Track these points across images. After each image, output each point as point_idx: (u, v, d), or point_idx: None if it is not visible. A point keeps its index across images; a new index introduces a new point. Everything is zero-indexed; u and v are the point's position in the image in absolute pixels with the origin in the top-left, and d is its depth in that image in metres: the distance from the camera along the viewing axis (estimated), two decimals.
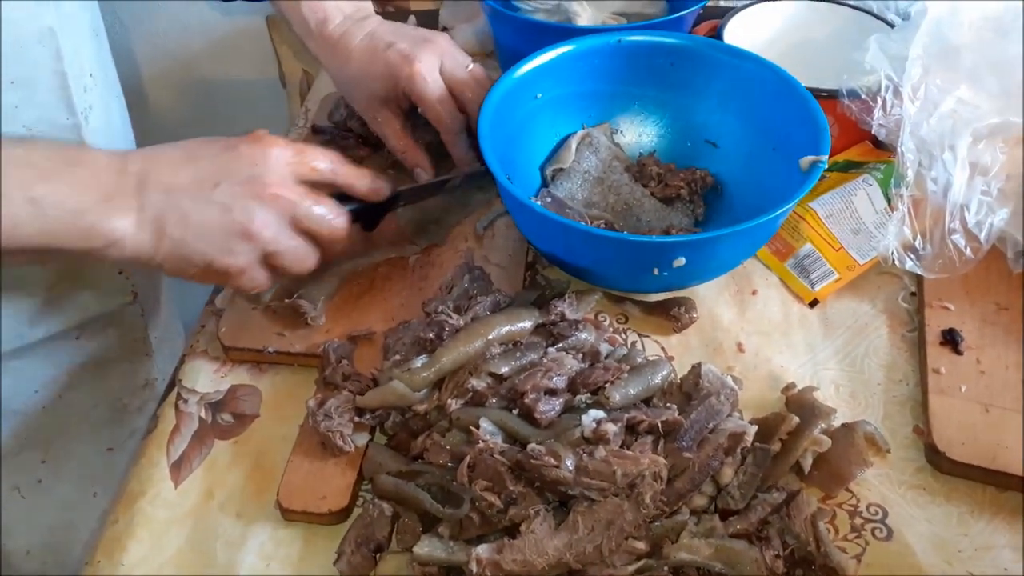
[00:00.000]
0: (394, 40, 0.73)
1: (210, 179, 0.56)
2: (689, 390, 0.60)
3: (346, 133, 0.83)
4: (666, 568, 0.48)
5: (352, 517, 0.56)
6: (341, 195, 0.63)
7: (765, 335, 0.67)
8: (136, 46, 1.28)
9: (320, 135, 0.85)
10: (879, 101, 0.71)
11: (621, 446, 0.53)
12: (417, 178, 0.76)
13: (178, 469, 0.60)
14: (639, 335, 0.68)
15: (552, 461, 0.51)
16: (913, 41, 0.71)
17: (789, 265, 0.71)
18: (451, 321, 0.61)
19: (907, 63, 0.70)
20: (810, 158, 0.63)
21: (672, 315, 0.67)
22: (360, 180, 0.63)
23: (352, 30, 0.75)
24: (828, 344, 0.67)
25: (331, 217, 0.60)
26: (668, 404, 0.58)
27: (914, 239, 0.67)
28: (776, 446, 0.57)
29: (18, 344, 0.72)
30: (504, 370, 0.58)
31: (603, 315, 0.69)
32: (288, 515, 0.56)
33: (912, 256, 0.67)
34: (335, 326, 0.67)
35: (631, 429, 0.55)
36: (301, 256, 0.60)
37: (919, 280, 0.69)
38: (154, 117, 1.26)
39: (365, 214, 0.65)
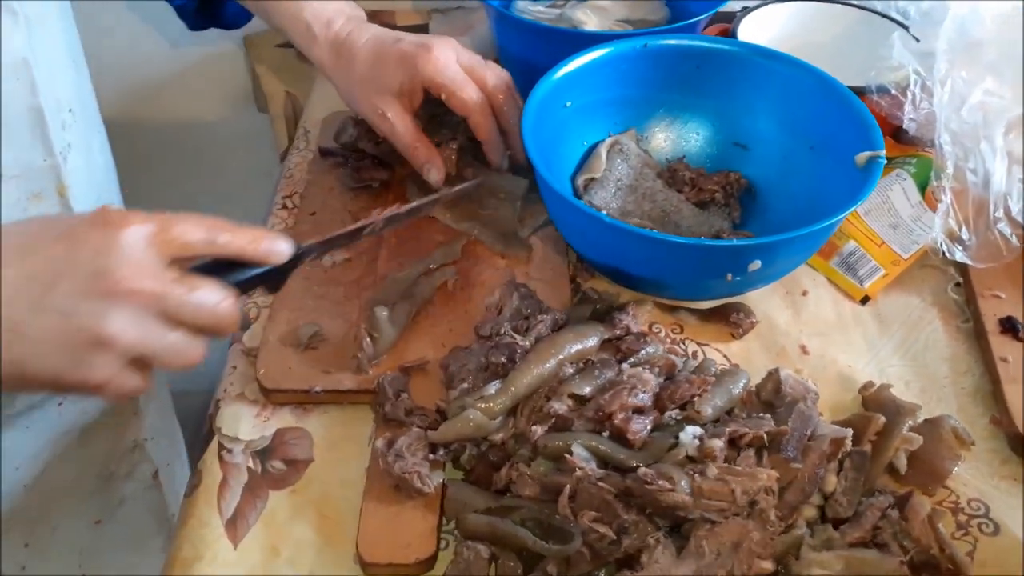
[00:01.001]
0: (402, 36, 0.71)
1: (44, 279, 0.44)
2: (769, 398, 0.58)
3: (359, 154, 0.78)
4: None
5: (439, 563, 0.52)
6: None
7: (824, 336, 0.66)
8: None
9: (330, 157, 0.80)
10: (908, 96, 0.71)
11: (724, 461, 0.51)
12: (427, 176, 0.72)
13: (234, 526, 0.55)
14: (698, 344, 0.66)
15: (667, 485, 0.48)
16: (938, 36, 0.71)
17: (834, 264, 0.71)
18: (520, 343, 0.58)
19: (935, 58, 0.71)
20: (867, 154, 0.63)
21: (732, 321, 0.66)
22: (251, 244, 0.50)
23: (357, 30, 0.72)
24: (887, 341, 0.66)
25: (213, 303, 0.48)
26: (753, 414, 0.56)
27: (960, 230, 0.68)
28: (866, 448, 0.55)
29: None
30: (586, 391, 0.55)
31: (657, 325, 0.67)
32: (370, 568, 0.52)
33: (959, 247, 0.67)
34: (384, 358, 0.63)
35: (732, 443, 0.52)
36: (181, 352, 0.48)
37: (963, 271, 0.70)
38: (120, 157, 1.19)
39: (266, 277, 0.52)
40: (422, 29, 1.01)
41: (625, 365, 0.58)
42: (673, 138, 0.78)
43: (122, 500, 0.81)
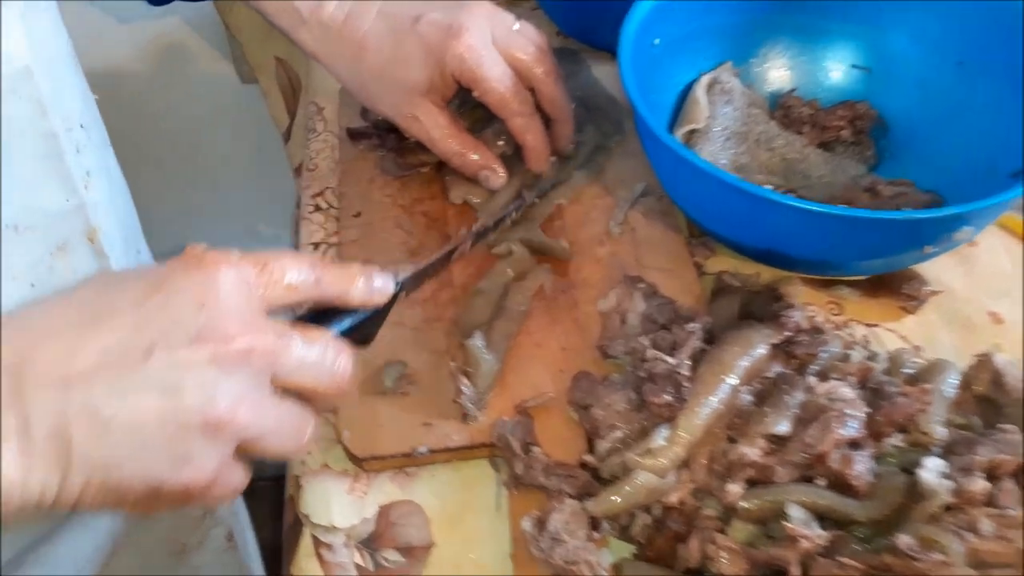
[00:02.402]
0: (421, 11, 0.56)
1: (135, 346, 0.34)
2: (988, 392, 0.47)
3: (398, 134, 0.63)
4: None
5: None
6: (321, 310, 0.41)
7: (1011, 295, 0.55)
8: None
9: (362, 140, 0.65)
10: None
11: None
12: (485, 183, 0.60)
13: None
14: (866, 326, 0.54)
15: (939, 556, 0.37)
16: None
17: None
18: (682, 372, 0.45)
19: None
20: None
21: (904, 293, 0.54)
22: (354, 284, 0.41)
23: (356, 10, 0.57)
24: None
25: (331, 360, 0.38)
26: (972, 418, 0.45)
27: None
28: None
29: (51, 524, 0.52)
30: (783, 427, 0.43)
31: (810, 308, 0.55)
32: None
33: None
34: (491, 397, 0.50)
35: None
36: (294, 430, 0.38)
37: None
38: None
39: (361, 326, 0.42)
40: None
41: (812, 379, 0.46)
42: (777, 67, 0.64)
43: (196, 572, 0.70)
